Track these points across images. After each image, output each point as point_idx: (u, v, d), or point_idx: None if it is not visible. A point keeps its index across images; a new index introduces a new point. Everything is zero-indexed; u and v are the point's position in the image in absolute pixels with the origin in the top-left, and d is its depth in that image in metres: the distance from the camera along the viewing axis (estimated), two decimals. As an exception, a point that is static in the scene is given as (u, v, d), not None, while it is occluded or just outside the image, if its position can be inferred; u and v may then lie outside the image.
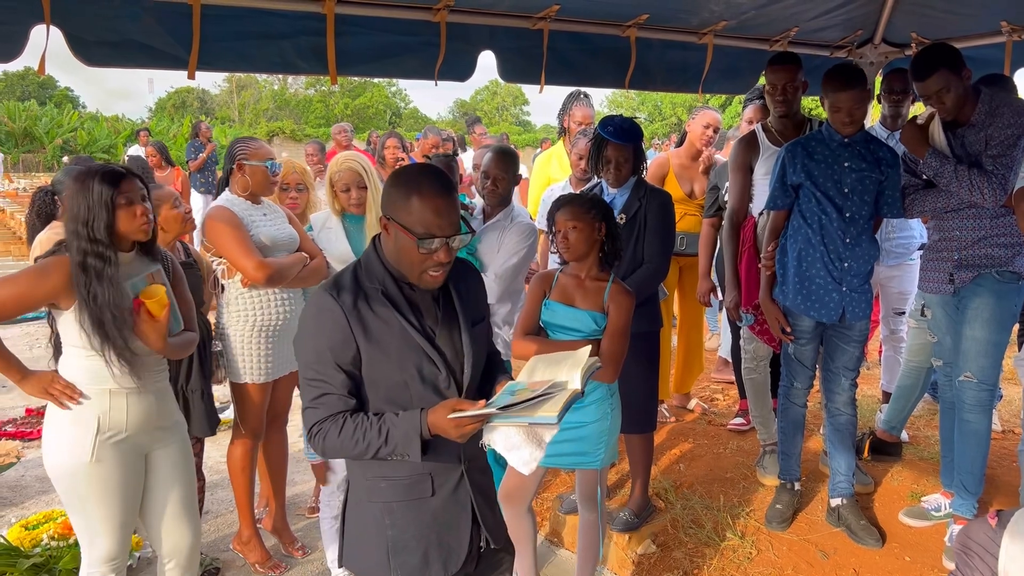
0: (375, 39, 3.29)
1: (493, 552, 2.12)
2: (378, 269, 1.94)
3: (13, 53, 2.66)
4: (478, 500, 2.04)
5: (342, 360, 1.86)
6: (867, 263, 3.35)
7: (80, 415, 2.48)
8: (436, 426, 1.81)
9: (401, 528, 1.97)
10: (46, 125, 37.41)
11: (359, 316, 1.87)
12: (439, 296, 2.00)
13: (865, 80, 3.25)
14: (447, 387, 1.95)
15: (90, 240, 2.38)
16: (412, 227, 1.83)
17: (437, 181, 1.88)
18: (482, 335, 2.09)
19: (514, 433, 1.90)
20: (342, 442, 1.86)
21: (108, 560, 2.58)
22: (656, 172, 4.77)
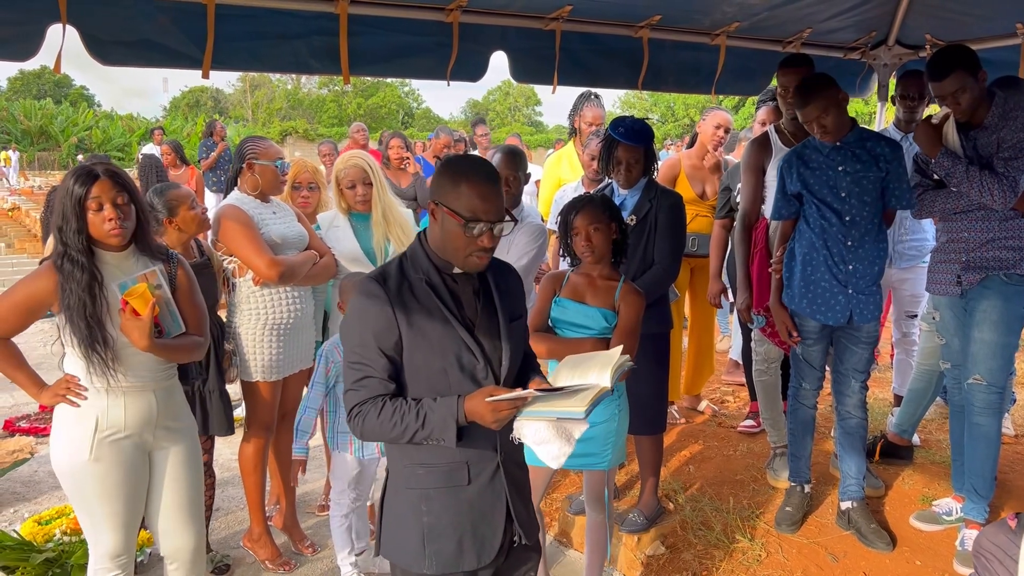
0: (388, 39, 3.30)
1: (523, 548, 2.16)
2: (423, 260, 2.02)
3: (30, 52, 2.69)
4: (512, 494, 2.08)
5: (384, 345, 1.94)
6: (873, 264, 3.32)
7: (82, 414, 2.50)
8: (472, 412, 1.87)
9: (437, 515, 2.02)
10: (61, 123, 37.69)
11: (403, 304, 1.95)
12: (480, 291, 2.07)
13: (825, 88, 3.20)
14: (485, 377, 2.00)
15: (64, 244, 2.41)
16: (460, 211, 1.91)
17: (484, 170, 1.98)
18: (520, 331, 2.15)
19: (544, 428, 1.95)
20: (380, 424, 1.92)
21: (114, 557, 2.60)
22: (667, 173, 4.77)
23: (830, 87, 3.20)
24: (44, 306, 2.47)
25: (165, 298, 2.59)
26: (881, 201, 3.30)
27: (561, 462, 1.97)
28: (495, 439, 2.02)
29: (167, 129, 25.30)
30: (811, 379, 3.56)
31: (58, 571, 3.24)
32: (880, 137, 3.33)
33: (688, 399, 5.12)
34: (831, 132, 3.22)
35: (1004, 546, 2.31)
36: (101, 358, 2.44)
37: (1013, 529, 2.33)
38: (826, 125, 3.20)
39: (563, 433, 1.96)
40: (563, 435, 1.96)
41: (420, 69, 3.46)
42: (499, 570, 2.13)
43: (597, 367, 2.00)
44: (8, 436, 5.00)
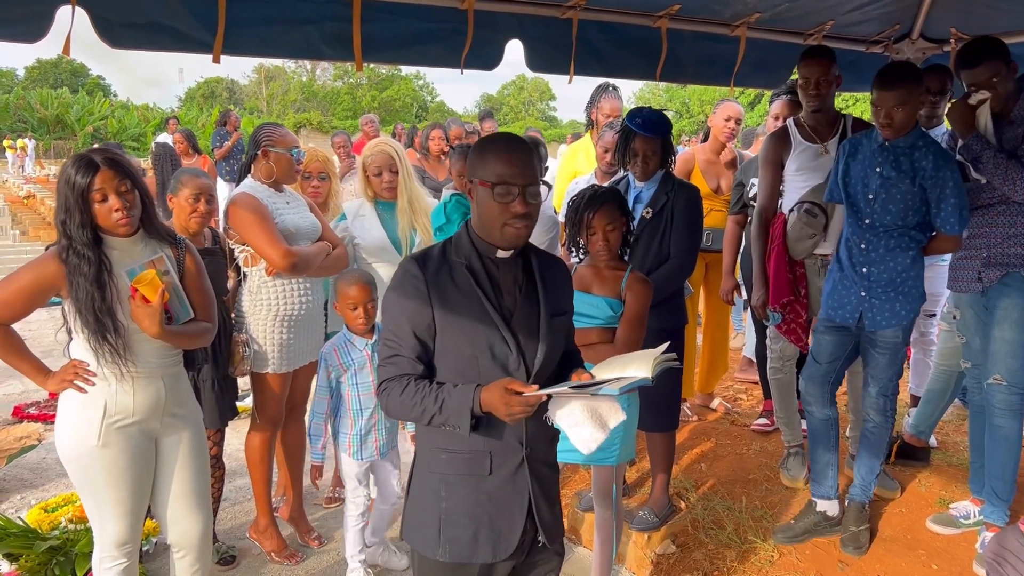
0: (401, 26, 3.24)
1: (544, 549, 2.12)
2: (466, 245, 2.00)
3: (39, 34, 2.64)
4: (536, 492, 2.03)
5: (417, 326, 1.93)
6: (889, 271, 3.19)
7: (89, 399, 2.47)
8: (487, 403, 1.85)
9: (455, 503, 1.99)
10: (77, 112, 37.90)
11: (439, 286, 1.94)
12: (523, 281, 2.03)
13: (915, 82, 3.06)
14: (516, 368, 1.96)
15: (68, 237, 2.38)
16: (488, 178, 1.90)
17: (512, 138, 2.00)
18: (561, 327, 2.10)
19: (578, 410, 1.92)
20: (402, 402, 1.93)
21: (119, 544, 2.57)
22: (682, 168, 4.70)
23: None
24: (49, 292, 2.44)
25: (173, 284, 2.57)
26: (915, 215, 3.13)
27: (592, 448, 1.93)
28: (521, 432, 1.98)
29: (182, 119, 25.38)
30: (815, 380, 3.44)
31: (62, 559, 3.22)
32: (932, 149, 3.10)
33: (701, 396, 5.06)
34: (894, 128, 3.07)
35: (1017, 551, 2.27)
36: (112, 347, 2.42)
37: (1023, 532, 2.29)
38: (893, 118, 3.05)
39: (597, 418, 1.93)
40: (597, 420, 1.93)
41: (434, 57, 3.40)
42: (518, 568, 2.10)
43: (639, 361, 1.96)
44: (16, 422, 4.99)
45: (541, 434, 2.03)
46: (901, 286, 3.21)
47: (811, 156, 3.64)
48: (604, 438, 1.94)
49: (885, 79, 3.05)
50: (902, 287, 3.21)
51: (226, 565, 3.54)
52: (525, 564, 2.11)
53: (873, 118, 3.15)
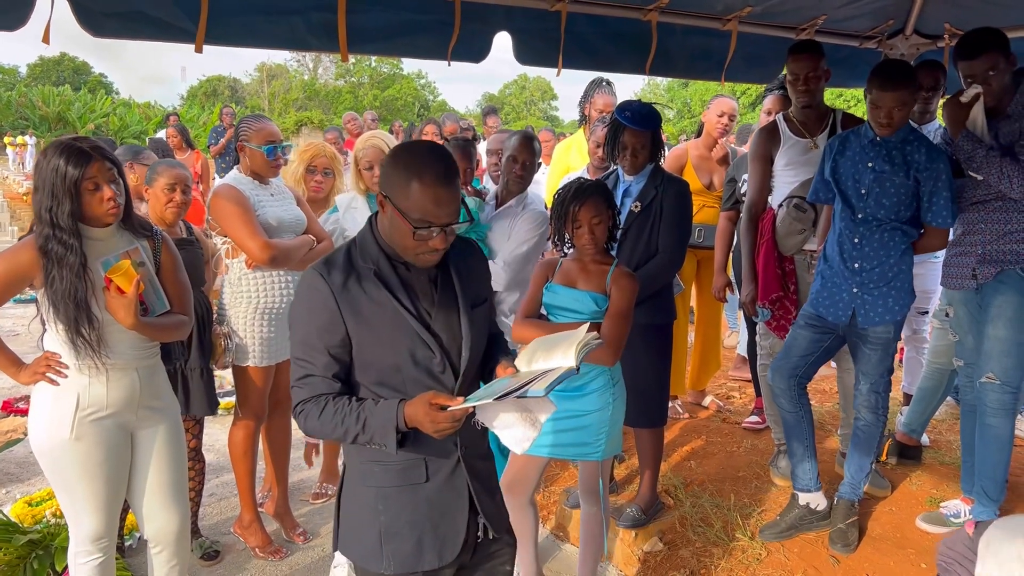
0: (388, 17, 3.22)
1: (492, 541, 2.05)
2: (372, 248, 1.87)
3: (18, 22, 2.61)
4: (476, 487, 1.97)
5: (329, 342, 1.81)
6: (882, 266, 3.16)
7: (62, 392, 2.45)
8: (412, 419, 1.75)
9: (394, 514, 1.91)
10: (79, 110, 37.90)
11: (349, 296, 1.81)
12: (437, 277, 1.93)
13: (913, 82, 3.07)
14: (442, 372, 1.89)
15: (53, 226, 2.34)
16: (409, 213, 1.76)
17: (440, 166, 1.78)
18: (482, 317, 2.01)
19: (507, 412, 1.83)
20: (322, 424, 1.82)
21: (95, 539, 2.55)
22: (674, 164, 4.67)
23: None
24: (23, 282, 2.41)
25: (149, 275, 2.55)
26: (907, 209, 3.12)
27: (527, 446, 1.85)
28: (455, 435, 1.88)
29: (183, 117, 25.33)
30: (782, 372, 3.38)
31: (41, 553, 3.19)
32: (923, 142, 3.12)
33: (693, 394, 5.03)
34: (893, 127, 3.05)
35: (963, 554, 2.25)
36: (86, 340, 2.38)
37: (971, 536, 2.26)
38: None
39: (527, 417, 1.84)
40: (527, 419, 1.84)
41: (421, 48, 3.37)
42: (467, 565, 2.04)
43: (563, 347, 1.86)
44: (3, 416, 4.97)
45: (473, 431, 1.94)
46: (893, 281, 3.18)
47: (800, 151, 3.61)
48: (536, 435, 1.85)
49: (887, 79, 3.01)
50: (894, 282, 3.18)
51: (209, 560, 3.52)
52: (475, 560, 2.04)
53: (871, 117, 3.10)
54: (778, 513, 3.54)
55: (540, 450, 2.83)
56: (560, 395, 2.74)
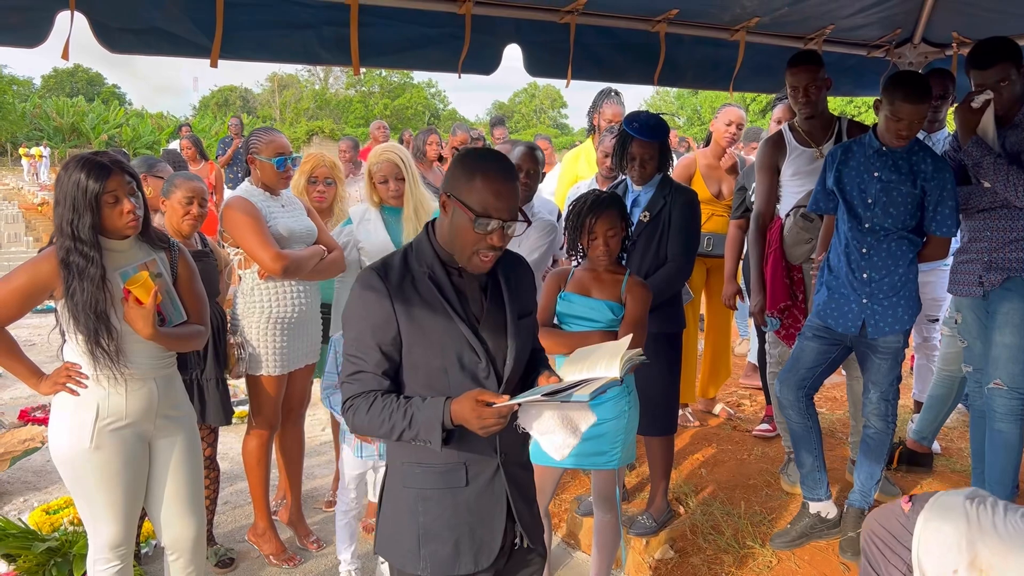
0: (399, 30, 3.26)
1: (526, 551, 2.09)
2: (428, 253, 1.95)
3: (39, 39, 2.68)
4: (514, 495, 2.01)
5: (381, 340, 1.88)
6: (891, 275, 3.16)
7: (82, 402, 2.48)
8: (458, 416, 1.79)
9: (433, 516, 1.95)
10: (92, 121, 38.25)
11: (403, 298, 1.88)
12: (487, 286, 1.99)
13: (932, 95, 3.09)
14: (486, 377, 1.93)
15: (74, 239, 2.38)
16: (472, 205, 1.84)
17: (502, 166, 1.90)
18: (528, 329, 2.07)
19: (548, 417, 1.89)
20: (370, 419, 1.87)
21: (113, 547, 2.58)
22: (682, 173, 4.70)
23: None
24: (43, 292, 2.46)
25: (166, 286, 2.59)
26: (912, 218, 3.12)
27: (565, 454, 1.90)
28: (495, 440, 1.94)
29: (195, 127, 25.53)
30: (790, 385, 3.39)
31: (60, 560, 3.24)
32: (928, 152, 3.13)
33: (703, 402, 5.04)
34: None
35: (897, 532, 2.16)
36: (105, 351, 2.42)
37: (907, 513, 2.17)
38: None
39: (568, 424, 1.89)
40: (568, 426, 1.89)
41: (432, 61, 3.42)
42: (500, 572, 2.06)
43: (606, 358, 1.92)
44: (21, 425, 5.03)
45: (514, 438, 1.98)
46: (902, 290, 3.19)
47: (806, 160, 3.62)
48: (576, 443, 1.91)
49: (912, 93, 2.97)
50: (903, 291, 3.19)
51: (224, 568, 3.55)
52: (507, 568, 2.07)
53: (889, 128, 3.06)
54: (789, 521, 3.55)
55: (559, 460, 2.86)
56: None
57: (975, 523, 2.00)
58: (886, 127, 3.08)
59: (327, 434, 4.98)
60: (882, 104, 3.07)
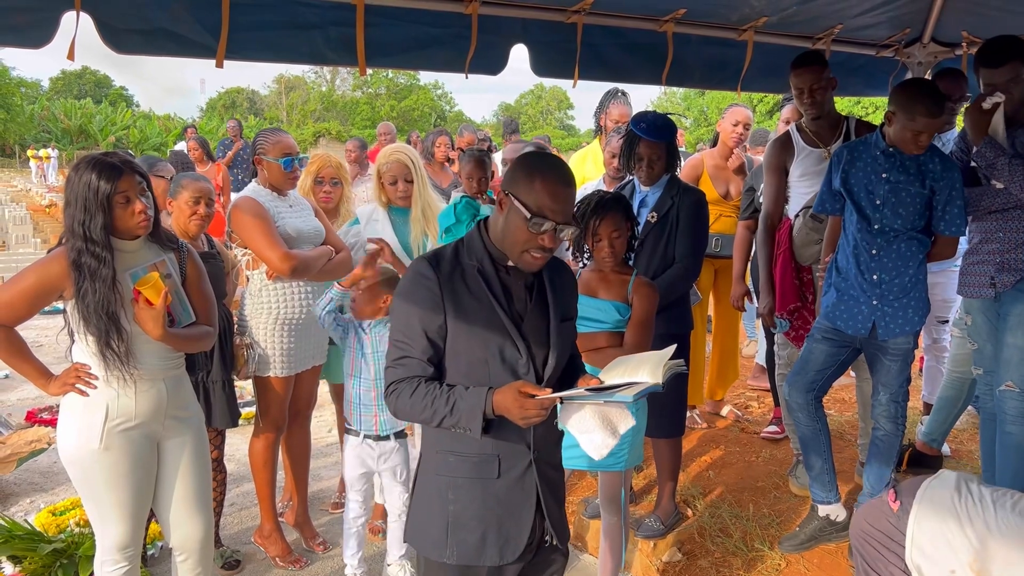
0: (405, 31, 3.25)
1: (552, 550, 2.13)
2: (479, 248, 2.00)
3: (44, 39, 2.67)
4: (544, 493, 2.04)
5: (428, 327, 1.93)
6: (901, 276, 3.13)
7: (91, 402, 2.48)
8: (500, 406, 1.84)
9: (463, 505, 1.99)
10: (100, 123, 38.42)
11: (452, 288, 1.94)
12: (533, 286, 2.03)
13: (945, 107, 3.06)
14: (526, 372, 1.97)
15: (86, 239, 2.38)
16: (529, 204, 1.89)
17: (561, 171, 1.95)
18: (569, 332, 2.11)
19: (588, 416, 1.93)
20: (412, 404, 1.92)
21: (121, 548, 2.58)
22: (690, 173, 4.68)
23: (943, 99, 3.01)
24: (53, 293, 2.45)
25: (175, 287, 2.59)
26: (921, 218, 3.10)
27: (603, 453, 1.95)
28: (528, 436, 1.99)
29: (202, 129, 25.60)
30: (799, 387, 3.35)
31: (66, 562, 3.24)
32: (937, 152, 3.12)
33: (711, 404, 5.02)
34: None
35: (889, 532, 2.15)
36: (115, 352, 2.42)
37: (896, 512, 2.16)
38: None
39: (608, 424, 1.94)
40: (607, 426, 1.94)
41: (438, 61, 3.41)
42: (525, 569, 2.09)
43: (648, 365, 1.96)
44: (27, 426, 5.04)
45: (548, 436, 2.04)
46: (912, 291, 3.16)
47: (814, 161, 3.60)
48: (615, 444, 1.95)
49: (934, 107, 2.94)
50: (913, 292, 3.17)
51: (230, 570, 3.54)
52: (532, 565, 2.11)
53: (905, 138, 3.01)
54: (798, 524, 3.52)
55: (565, 462, 2.84)
56: None
57: (967, 522, 1.99)
58: (902, 137, 3.03)
59: (333, 436, 4.97)
60: (897, 116, 3.02)
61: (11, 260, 11.28)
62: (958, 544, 1.97)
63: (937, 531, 2.02)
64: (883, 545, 2.17)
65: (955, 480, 2.15)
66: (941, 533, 2.01)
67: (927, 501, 2.10)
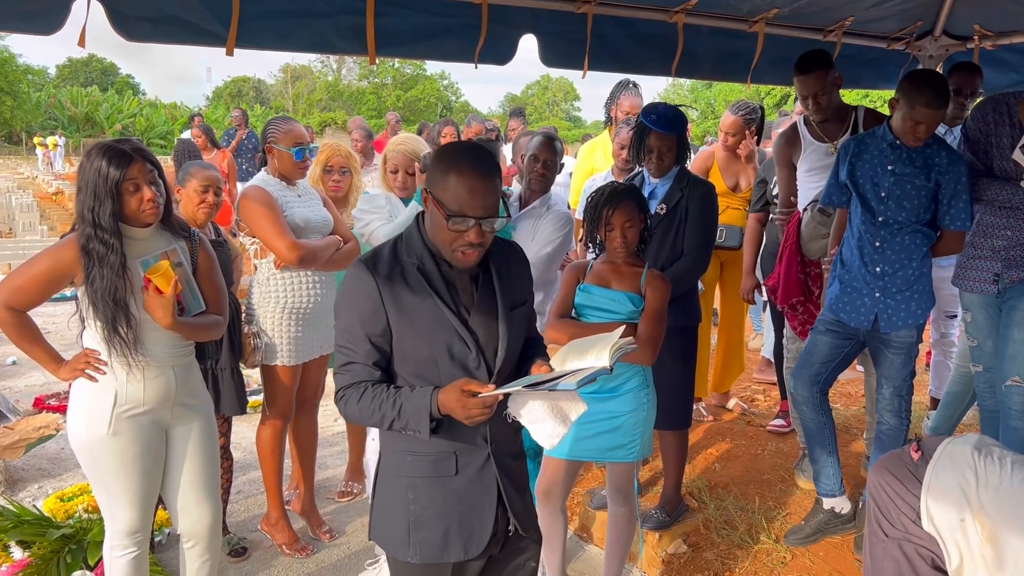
0: (415, 20, 3.24)
1: (520, 538, 2.10)
2: (417, 244, 1.94)
3: (55, 26, 2.66)
4: (505, 485, 2.01)
5: (371, 331, 1.88)
6: (904, 269, 3.12)
7: (100, 388, 2.49)
8: (444, 405, 1.81)
9: (423, 504, 1.97)
10: (107, 111, 38.45)
11: (392, 289, 1.88)
12: (478, 276, 1.98)
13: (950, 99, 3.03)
14: (477, 367, 1.93)
15: (95, 226, 2.38)
16: (446, 203, 1.82)
17: (479, 161, 1.85)
18: (521, 319, 2.05)
19: (538, 407, 1.88)
20: (361, 409, 1.89)
21: (130, 533, 2.59)
22: (701, 165, 4.67)
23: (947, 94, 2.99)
24: (64, 279, 2.46)
25: (185, 276, 2.59)
26: (926, 212, 3.09)
27: (555, 443, 1.90)
28: (484, 430, 1.95)
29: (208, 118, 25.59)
30: (804, 380, 3.36)
31: (74, 547, 3.25)
32: (943, 145, 3.10)
33: (716, 396, 5.02)
34: (926, 139, 3.03)
35: (906, 480, 2.17)
36: (123, 339, 2.43)
37: (916, 461, 2.19)
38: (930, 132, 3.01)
39: (558, 413, 1.89)
40: (558, 415, 1.89)
41: (447, 51, 3.40)
42: (494, 559, 2.08)
43: (597, 348, 1.92)
44: (36, 413, 5.06)
45: (505, 428, 1.98)
46: (916, 284, 3.15)
47: (821, 156, 3.59)
48: (566, 432, 1.91)
49: (935, 100, 2.93)
50: (916, 285, 3.16)
51: (237, 557, 3.56)
52: (502, 555, 2.09)
53: (908, 129, 3.01)
54: (803, 517, 3.53)
55: (576, 453, 2.85)
56: (594, 396, 2.76)
57: (983, 476, 2.02)
58: (903, 127, 3.03)
59: (340, 424, 4.98)
60: (899, 103, 3.02)
61: (18, 247, 11.30)
62: (972, 495, 2.00)
63: (953, 481, 2.05)
64: (898, 492, 2.19)
65: (976, 439, 2.18)
66: (956, 483, 2.04)
67: (947, 454, 2.14)
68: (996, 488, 2.00)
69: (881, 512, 2.24)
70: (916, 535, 2.12)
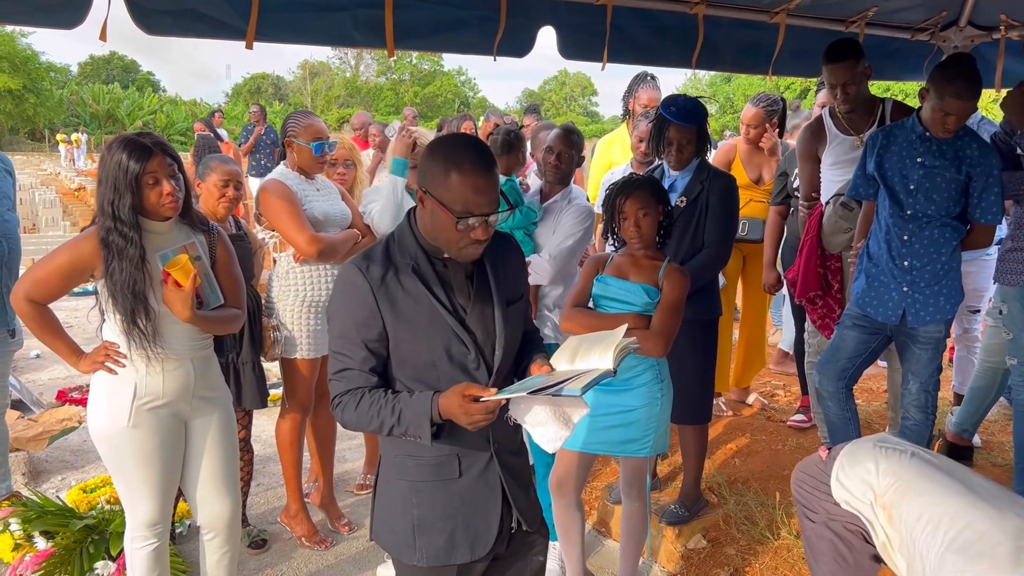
0: (434, 12, 3.23)
1: (527, 533, 2.07)
2: (411, 244, 1.89)
3: (76, 20, 2.67)
4: (509, 483, 1.98)
5: (367, 336, 1.83)
6: (933, 263, 3.09)
7: (120, 381, 2.51)
8: (446, 411, 1.76)
9: (427, 508, 1.93)
10: (128, 107, 38.79)
11: (387, 291, 1.83)
12: (473, 273, 1.94)
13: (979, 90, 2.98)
14: (476, 368, 1.89)
15: (114, 219, 2.39)
16: (450, 205, 1.76)
17: (477, 156, 1.79)
18: (517, 315, 2.01)
19: (540, 410, 1.83)
20: (359, 416, 1.84)
21: (150, 525, 2.61)
22: (723, 158, 4.64)
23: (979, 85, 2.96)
24: (85, 271, 2.48)
25: (204, 270, 2.60)
26: (956, 205, 3.04)
27: (557, 446, 1.85)
28: (487, 430, 1.89)
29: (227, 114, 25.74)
30: (830, 375, 3.33)
31: (97, 538, 3.28)
32: (974, 137, 3.06)
33: (737, 391, 4.99)
34: (956, 131, 2.99)
35: (817, 475, 2.34)
36: (142, 331, 2.44)
37: (824, 460, 2.35)
38: (960, 124, 2.98)
39: (560, 416, 1.84)
40: (560, 418, 1.83)
41: (466, 44, 3.39)
42: (501, 556, 2.05)
43: (599, 348, 1.86)
44: (59, 405, 5.11)
45: (506, 426, 1.93)
46: (944, 279, 3.11)
47: (846, 149, 3.55)
48: (569, 435, 1.86)
49: (966, 88, 2.89)
50: (945, 279, 3.11)
51: (257, 549, 3.58)
52: (509, 552, 2.05)
53: (936, 120, 2.98)
54: (824, 512, 3.50)
55: (588, 446, 2.84)
56: (607, 390, 2.74)
57: (883, 463, 2.15)
58: (932, 118, 2.99)
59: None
60: (929, 94, 2.97)
61: (41, 242, 11.42)
62: (872, 481, 2.13)
63: (855, 473, 2.19)
64: (814, 486, 2.35)
65: (879, 437, 2.34)
66: (857, 474, 2.18)
67: (849, 450, 2.29)
68: (895, 475, 2.11)
69: (804, 505, 2.40)
70: (839, 514, 2.25)
